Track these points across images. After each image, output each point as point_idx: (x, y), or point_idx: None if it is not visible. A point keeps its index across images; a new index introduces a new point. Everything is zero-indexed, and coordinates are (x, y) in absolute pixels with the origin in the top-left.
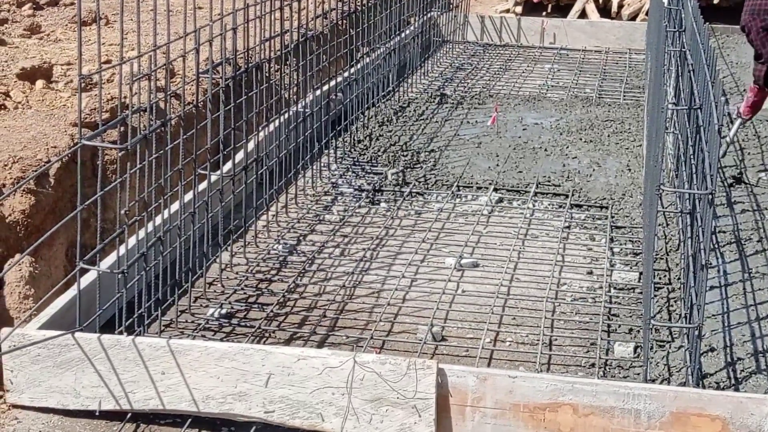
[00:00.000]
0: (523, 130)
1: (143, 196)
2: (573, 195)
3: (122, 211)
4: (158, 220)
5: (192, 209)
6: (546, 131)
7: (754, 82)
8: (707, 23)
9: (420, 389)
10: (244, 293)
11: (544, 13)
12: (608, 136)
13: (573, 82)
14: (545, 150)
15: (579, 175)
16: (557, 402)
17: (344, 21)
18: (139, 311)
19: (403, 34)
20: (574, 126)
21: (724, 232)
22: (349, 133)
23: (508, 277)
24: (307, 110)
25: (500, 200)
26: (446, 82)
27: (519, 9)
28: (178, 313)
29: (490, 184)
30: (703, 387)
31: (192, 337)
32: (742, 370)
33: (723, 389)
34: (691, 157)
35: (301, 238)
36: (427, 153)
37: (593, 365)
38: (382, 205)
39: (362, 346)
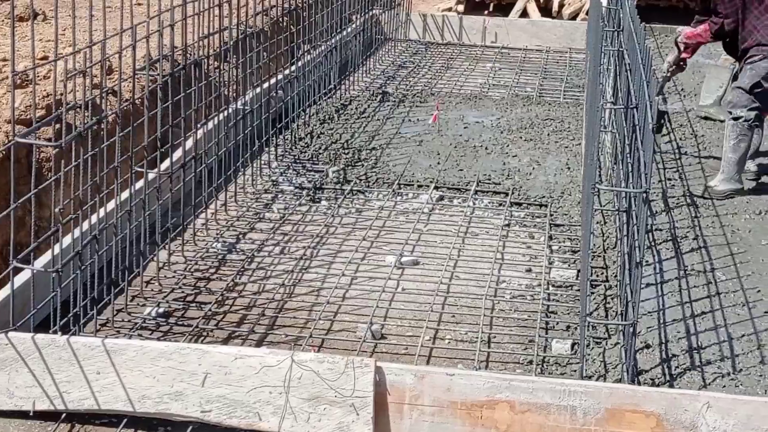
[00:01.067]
0: (465, 128)
1: (79, 194)
2: (513, 193)
3: (57, 209)
4: (94, 218)
5: (129, 207)
6: (487, 130)
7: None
8: (644, 23)
9: (358, 387)
10: (182, 292)
11: (485, 12)
12: (548, 134)
13: (514, 81)
14: (486, 148)
15: (519, 173)
16: (494, 399)
17: (285, 18)
18: (75, 310)
19: (344, 32)
20: (515, 124)
21: (661, 230)
22: (290, 130)
23: (448, 274)
24: (247, 108)
25: (441, 198)
26: (388, 80)
27: (461, 8)
28: (115, 313)
29: (431, 182)
30: (639, 383)
31: (128, 336)
32: (677, 367)
33: (658, 386)
34: (628, 155)
35: (240, 236)
36: (368, 151)
37: (531, 362)
38: (323, 203)
39: (301, 345)
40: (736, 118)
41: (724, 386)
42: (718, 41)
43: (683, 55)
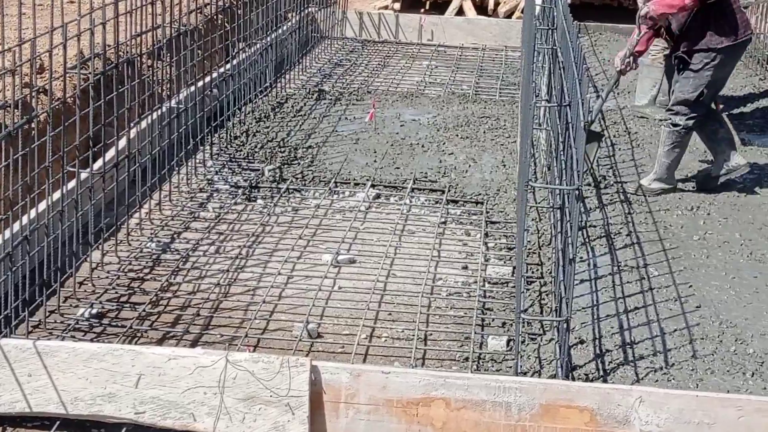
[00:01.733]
0: (401, 126)
1: (9, 194)
2: (449, 191)
3: None
4: (25, 219)
5: (61, 207)
6: (423, 128)
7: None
8: (578, 21)
9: (293, 387)
10: (116, 293)
11: (422, 10)
12: (484, 132)
13: (450, 79)
14: (422, 146)
15: (455, 171)
16: (430, 397)
17: (220, 16)
18: (6, 312)
19: (280, 30)
20: (451, 122)
21: (595, 226)
22: (225, 129)
23: (385, 272)
24: (181, 106)
25: (377, 196)
26: (325, 78)
27: (397, 6)
28: (47, 314)
29: (367, 180)
30: (573, 379)
31: (61, 338)
32: (611, 362)
33: (592, 381)
34: (561, 153)
35: (175, 235)
36: (304, 149)
37: (467, 359)
38: (259, 201)
39: (236, 345)
40: (674, 125)
41: (657, 380)
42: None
43: (638, 48)
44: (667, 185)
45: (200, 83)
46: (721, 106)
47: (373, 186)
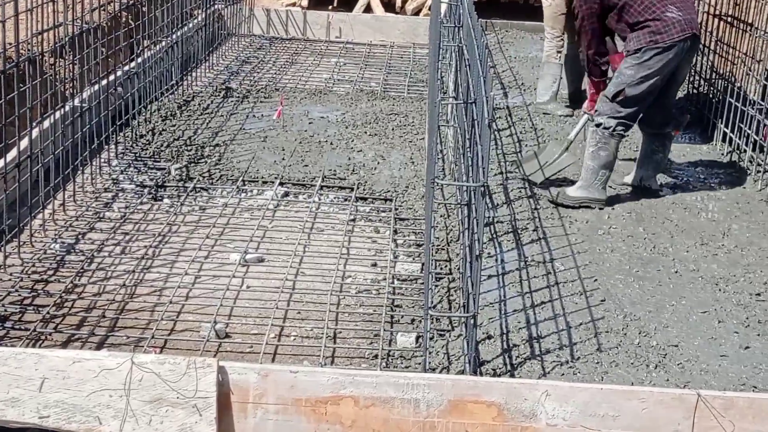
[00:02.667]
0: (309, 123)
1: None
2: (358, 188)
3: None
4: None
5: None
6: (332, 125)
7: (588, 75)
8: (485, 19)
9: (200, 388)
10: (19, 295)
11: (330, 7)
12: (392, 129)
13: (359, 76)
14: (331, 143)
15: (364, 168)
16: (339, 395)
17: (124, 13)
18: None
19: (186, 27)
20: (360, 119)
21: (502, 222)
22: (130, 127)
23: (294, 271)
24: (85, 105)
25: (286, 194)
26: (232, 76)
27: (305, 2)
28: None
29: (275, 178)
30: (481, 374)
31: None
32: (518, 357)
33: (499, 376)
34: (468, 149)
35: (79, 236)
36: (211, 147)
37: (376, 357)
38: (165, 201)
39: (142, 347)
40: (597, 125)
41: (563, 374)
42: None
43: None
44: (592, 195)
45: (104, 82)
46: (678, 133)
47: (281, 184)
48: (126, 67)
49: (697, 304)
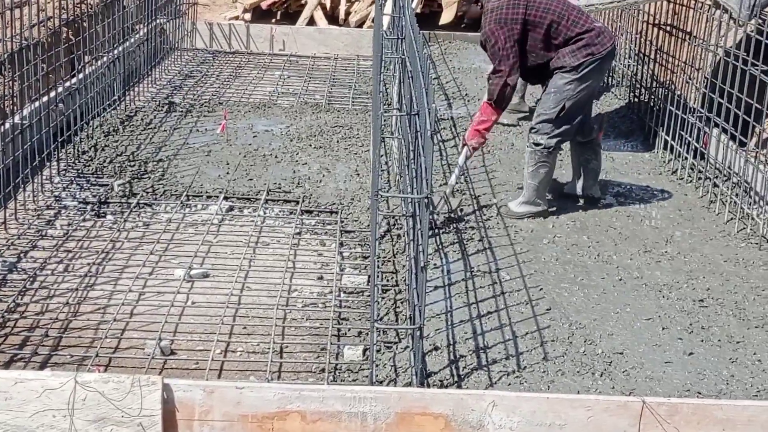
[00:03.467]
0: (254, 137)
1: None
2: (303, 201)
3: None
4: None
5: None
6: (276, 138)
7: (488, 99)
8: (429, 30)
9: (145, 406)
10: None
11: (273, 20)
12: (337, 141)
13: (303, 89)
14: (276, 157)
15: (309, 181)
16: (285, 410)
17: (65, 29)
18: None
19: (128, 42)
20: (304, 132)
21: (448, 233)
22: (72, 144)
23: (239, 286)
24: (26, 122)
25: (231, 209)
26: (175, 90)
27: (248, 16)
28: None
29: (220, 192)
30: (428, 386)
31: None
32: (465, 367)
33: (446, 387)
34: (412, 161)
35: (21, 254)
36: (155, 163)
37: (323, 370)
38: (109, 217)
39: (86, 366)
40: (536, 144)
41: (510, 384)
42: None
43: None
44: (535, 208)
45: (45, 98)
46: (602, 135)
47: (226, 198)
48: (67, 83)
49: (642, 312)
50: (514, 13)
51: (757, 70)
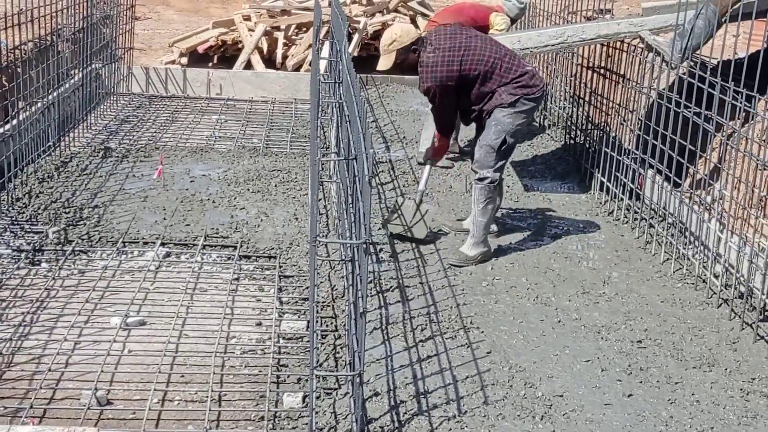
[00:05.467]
0: (191, 182)
1: None
2: (241, 246)
3: None
4: None
5: None
6: (214, 182)
7: (444, 134)
8: (364, 74)
9: None
10: None
11: (210, 65)
12: (275, 185)
13: (240, 133)
14: (213, 202)
15: (247, 225)
16: None
17: None
18: None
19: (63, 87)
20: (242, 176)
21: (389, 277)
22: (6, 191)
23: (177, 333)
24: None
25: (168, 255)
26: (111, 135)
27: (185, 60)
28: None
29: (157, 238)
30: None
31: None
32: (405, 413)
33: None
34: (350, 206)
35: None
36: (90, 209)
37: (262, 418)
38: (43, 265)
39: (21, 417)
40: (481, 179)
41: (451, 429)
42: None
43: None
44: (485, 248)
45: None
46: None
47: (162, 244)
48: (1, 130)
49: (581, 353)
50: (449, 70)
51: (689, 111)
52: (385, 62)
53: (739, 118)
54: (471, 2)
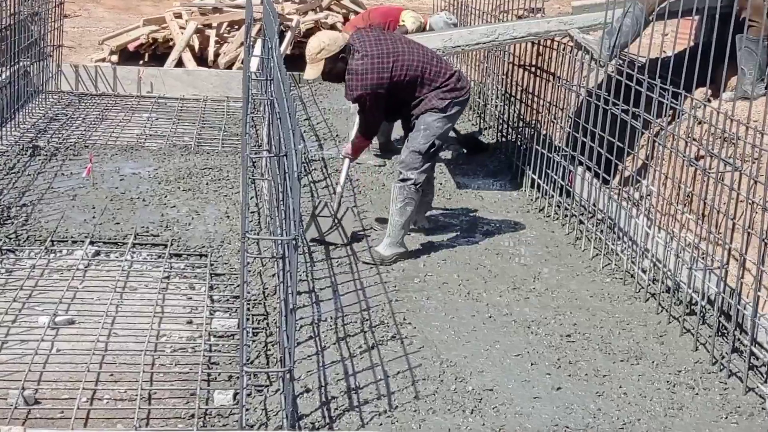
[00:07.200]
0: (121, 180)
1: None
2: (172, 244)
3: None
4: None
5: None
6: (144, 181)
7: (359, 131)
8: (296, 72)
9: None
10: None
11: (141, 62)
12: (207, 183)
13: (171, 131)
14: (143, 200)
15: (178, 224)
16: None
17: None
18: None
19: None
20: (173, 175)
21: (321, 274)
22: None
23: (106, 332)
24: None
25: (97, 253)
26: (39, 134)
27: (115, 58)
28: None
29: (86, 237)
30: (299, 429)
31: None
32: (336, 409)
33: (318, 429)
34: (281, 203)
35: None
36: (18, 208)
37: (193, 416)
38: None
39: None
40: (404, 180)
41: (381, 424)
42: None
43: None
44: (402, 249)
45: None
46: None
47: (92, 243)
48: None
49: (511, 348)
50: (380, 77)
51: (618, 109)
52: (312, 72)
53: (666, 116)
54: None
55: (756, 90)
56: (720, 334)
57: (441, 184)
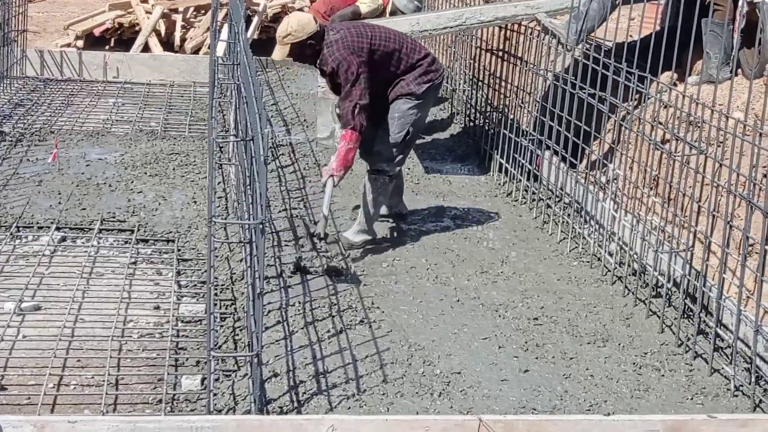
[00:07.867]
0: (87, 166)
1: None
2: (139, 230)
3: None
4: None
5: None
6: (110, 166)
7: (343, 126)
8: (264, 57)
9: None
10: None
11: (107, 47)
12: (174, 169)
13: (138, 116)
14: (110, 185)
15: (145, 209)
16: None
17: None
18: None
19: None
20: (140, 160)
21: (288, 259)
22: None
23: (72, 318)
24: None
25: (63, 239)
26: (4, 119)
27: (80, 43)
28: None
29: (52, 222)
30: (267, 413)
31: None
32: (304, 393)
33: (286, 413)
34: (248, 187)
35: None
36: None
37: (161, 401)
38: None
39: None
40: (379, 171)
41: (350, 408)
42: None
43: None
44: (370, 236)
45: None
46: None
47: (58, 229)
48: None
49: (479, 331)
50: (360, 41)
51: (584, 93)
52: (279, 53)
53: (633, 100)
54: None
55: (721, 74)
56: (686, 316)
57: (409, 168)
